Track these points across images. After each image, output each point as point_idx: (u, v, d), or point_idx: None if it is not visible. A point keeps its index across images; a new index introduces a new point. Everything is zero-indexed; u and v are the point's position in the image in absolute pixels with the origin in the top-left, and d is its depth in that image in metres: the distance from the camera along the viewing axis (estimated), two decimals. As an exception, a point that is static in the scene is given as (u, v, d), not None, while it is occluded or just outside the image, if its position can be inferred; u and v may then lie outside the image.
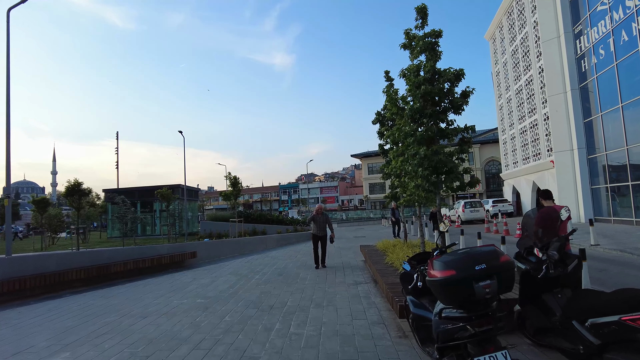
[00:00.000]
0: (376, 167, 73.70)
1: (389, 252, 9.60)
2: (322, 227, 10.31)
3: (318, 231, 10.32)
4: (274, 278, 9.39)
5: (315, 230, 10.39)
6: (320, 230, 10.31)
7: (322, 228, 10.32)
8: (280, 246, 18.75)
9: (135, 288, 8.77)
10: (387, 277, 6.77)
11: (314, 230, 10.45)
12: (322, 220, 10.32)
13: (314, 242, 10.44)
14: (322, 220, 10.32)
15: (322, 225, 10.31)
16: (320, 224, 10.30)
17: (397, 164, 8.78)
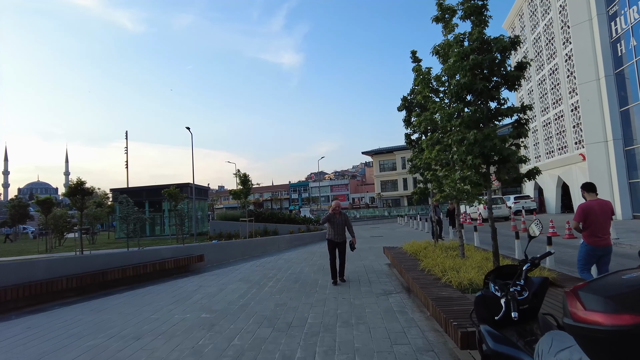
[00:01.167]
0: (388, 164, 72.27)
1: (422, 256, 8.38)
2: (340, 231, 8.07)
3: (335, 235, 8.03)
4: (289, 286, 8.25)
5: (331, 234, 8.10)
6: (338, 235, 8.04)
7: (340, 232, 8.06)
8: (293, 247, 17.64)
9: (132, 298, 7.70)
10: (429, 289, 5.56)
11: (329, 234, 8.15)
12: (340, 222, 8.06)
13: (331, 249, 8.12)
14: (340, 221, 8.06)
15: (340, 228, 8.07)
16: (338, 226, 8.04)
17: (431, 154, 7.56)
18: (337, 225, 8.05)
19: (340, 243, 8.10)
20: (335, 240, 8.08)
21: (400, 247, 10.82)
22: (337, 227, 8.05)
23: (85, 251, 18.18)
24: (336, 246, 8.09)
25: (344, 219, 8.13)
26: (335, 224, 8.05)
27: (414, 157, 8.96)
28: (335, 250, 8.12)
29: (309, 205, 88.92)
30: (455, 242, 10.17)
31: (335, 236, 8.08)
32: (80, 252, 17.72)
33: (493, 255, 6.10)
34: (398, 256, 9.10)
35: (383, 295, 7.03)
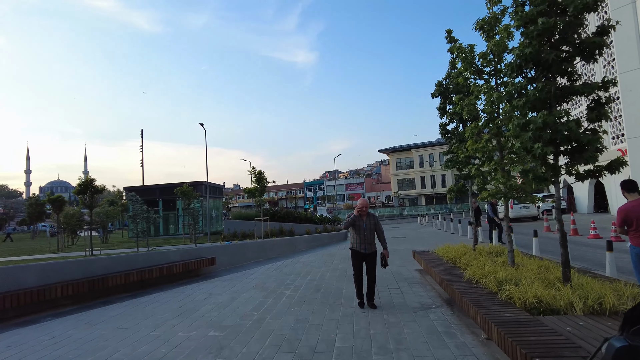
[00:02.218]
0: (405, 162, 70.73)
1: (462, 263, 7.26)
2: (368, 238, 6.06)
3: (361, 244, 6.04)
4: (310, 295, 7.26)
5: (356, 243, 6.10)
6: (366, 244, 6.04)
7: (367, 239, 6.05)
8: (311, 248, 16.65)
9: (133, 309, 6.82)
10: (487, 308, 4.48)
11: (354, 242, 6.16)
12: (368, 226, 6.06)
13: (355, 263, 6.18)
14: (369, 225, 6.08)
15: (369, 235, 6.05)
16: (365, 231, 6.03)
17: (478, 144, 6.43)
18: (363, 231, 6.04)
19: (369, 255, 6.07)
20: (361, 251, 6.06)
21: (432, 251, 9.70)
22: (364, 233, 6.04)
23: (96, 251, 17.60)
24: (363, 259, 6.11)
25: (373, 222, 6.12)
26: (362, 230, 6.04)
27: (454, 149, 7.81)
28: (362, 264, 6.15)
29: (324, 203, 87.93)
30: (496, 247, 9.01)
31: (362, 245, 6.05)
32: (90, 252, 17.13)
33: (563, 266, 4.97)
34: (433, 262, 8.00)
35: (421, 310, 5.97)
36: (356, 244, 6.14)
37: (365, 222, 6.10)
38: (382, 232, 6.29)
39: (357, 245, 6.13)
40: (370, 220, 6.15)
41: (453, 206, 54.62)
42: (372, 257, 6.14)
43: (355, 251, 6.17)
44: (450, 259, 8.03)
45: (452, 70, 8.51)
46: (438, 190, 66.08)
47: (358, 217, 6.09)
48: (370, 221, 6.14)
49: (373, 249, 6.13)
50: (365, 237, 6.06)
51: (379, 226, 6.24)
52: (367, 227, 6.09)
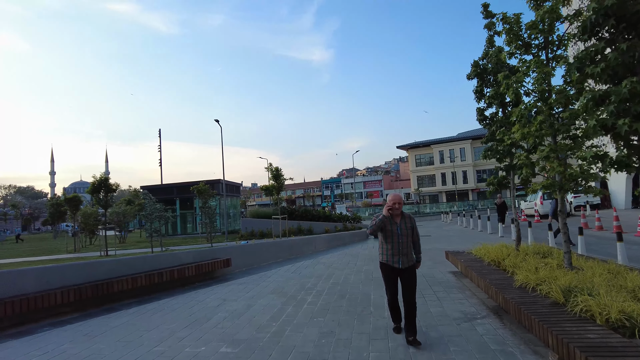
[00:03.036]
0: (425, 158, 69.15)
1: (508, 266, 6.34)
2: (404, 247, 4.46)
3: (394, 256, 4.46)
4: (334, 302, 6.46)
5: (387, 254, 4.51)
6: (401, 255, 4.45)
7: (403, 249, 4.46)
8: (331, 248, 15.86)
9: (139, 317, 6.16)
10: (560, 325, 3.58)
11: (384, 253, 4.55)
12: (403, 231, 4.46)
13: (388, 280, 4.62)
14: (405, 229, 4.48)
15: (404, 243, 4.46)
16: (400, 238, 4.44)
17: (528, 128, 5.50)
18: (397, 238, 4.42)
19: (406, 271, 4.46)
20: (394, 265, 4.45)
21: (468, 251, 8.77)
22: (399, 240, 4.42)
23: (111, 251, 17.25)
24: (397, 275, 4.51)
25: (409, 225, 4.52)
26: (395, 236, 4.42)
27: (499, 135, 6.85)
28: (397, 282, 4.55)
29: (342, 201, 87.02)
30: (542, 246, 8.01)
31: (395, 257, 4.43)
32: (105, 252, 16.79)
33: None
34: (472, 265, 7.09)
35: (466, 322, 5.10)
36: (387, 255, 4.48)
37: (400, 226, 4.45)
38: (419, 239, 4.70)
39: (388, 257, 4.48)
40: (406, 223, 4.49)
41: (477, 202, 52.91)
42: (410, 273, 4.48)
43: (387, 265, 4.52)
44: (491, 260, 7.11)
45: (489, 48, 7.55)
46: (460, 186, 64.32)
47: (389, 219, 4.45)
48: (406, 224, 4.49)
49: (411, 262, 4.51)
50: (400, 246, 4.42)
51: (415, 231, 4.61)
52: (402, 232, 4.43)
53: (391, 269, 4.53)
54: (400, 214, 4.53)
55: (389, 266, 4.53)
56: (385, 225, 4.48)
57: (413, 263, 4.58)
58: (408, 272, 4.50)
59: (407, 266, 4.49)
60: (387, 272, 4.59)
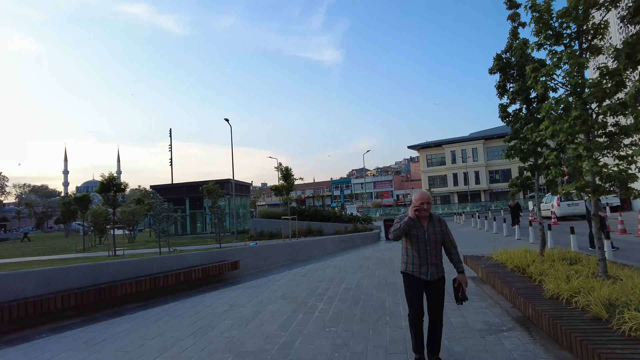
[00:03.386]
0: (436, 158, 68.34)
1: (534, 273, 5.89)
2: (434, 256, 3.69)
3: (422, 266, 3.69)
4: (347, 310, 6.08)
5: (412, 264, 3.74)
6: (429, 265, 3.68)
7: (432, 257, 3.68)
8: (342, 250, 15.48)
9: (141, 324, 5.87)
10: (606, 346, 3.16)
11: (409, 262, 3.79)
12: (432, 236, 3.70)
13: (413, 296, 3.76)
14: (434, 234, 3.71)
15: (432, 250, 3.69)
16: (429, 245, 3.68)
17: (561, 125, 5.06)
18: (425, 244, 3.67)
19: (434, 284, 3.70)
20: (421, 277, 3.67)
21: (487, 256, 8.32)
22: (427, 247, 3.67)
23: (119, 251, 17.12)
24: (423, 289, 3.73)
25: (439, 229, 3.74)
26: (422, 242, 3.67)
27: (526, 132, 6.39)
28: (422, 296, 3.73)
29: (352, 201, 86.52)
30: (568, 251, 7.53)
31: (422, 268, 3.66)
32: (113, 252, 16.65)
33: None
34: (494, 271, 6.65)
35: (490, 334, 4.69)
36: (412, 264, 3.70)
37: (428, 230, 3.68)
38: (455, 246, 3.84)
39: (414, 267, 3.69)
40: (436, 227, 3.71)
41: (490, 203, 52.01)
42: (438, 287, 3.70)
43: (412, 277, 3.72)
44: (515, 266, 6.65)
45: (513, 40, 7.10)
46: (472, 187, 63.40)
47: (415, 222, 3.68)
48: (435, 228, 3.70)
49: (440, 274, 3.72)
50: (429, 255, 3.64)
51: (449, 236, 3.78)
52: (431, 237, 3.66)
53: (417, 281, 3.70)
54: (428, 216, 3.74)
55: (415, 278, 3.71)
56: (410, 230, 3.69)
57: (443, 275, 3.76)
58: (437, 286, 3.71)
59: (437, 278, 3.68)
60: (412, 285, 3.74)
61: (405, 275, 3.83)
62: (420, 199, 3.72)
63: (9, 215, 78.89)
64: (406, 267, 3.82)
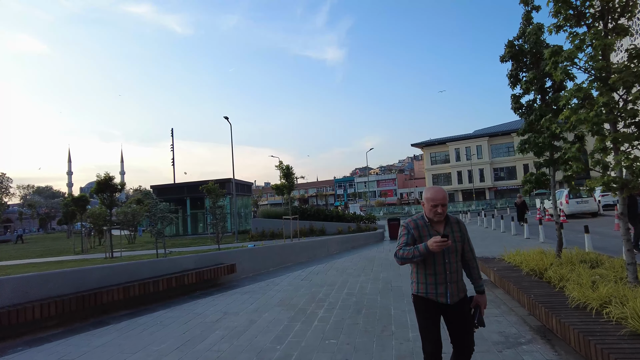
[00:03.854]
0: (440, 156, 67.69)
1: (553, 278, 5.38)
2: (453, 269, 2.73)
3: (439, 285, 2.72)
4: (349, 318, 5.60)
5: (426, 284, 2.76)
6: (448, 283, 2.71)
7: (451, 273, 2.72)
8: (345, 250, 14.99)
9: (126, 335, 5.41)
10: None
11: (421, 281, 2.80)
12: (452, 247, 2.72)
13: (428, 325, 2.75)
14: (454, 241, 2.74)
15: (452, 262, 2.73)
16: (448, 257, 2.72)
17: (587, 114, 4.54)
18: (441, 256, 2.72)
19: (455, 308, 2.75)
20: (438, 300, 2.73)
21: (499, 257, 7.80)
22: (444, 258, 2.73)
23: (117, 253, 16.72)
24: (440, 313, 2.80)
25: (459, 235, 2.82)
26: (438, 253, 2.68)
27: (544, 123, 5.85)
28: (439, 324, 2.78)
29: (355, 200, 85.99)
30: (587, 253, 7.00)
31: (439, 288, 2.73)
32: (110, 254, 16.25)
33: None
34: (509, 275, 6.14)
35: (508, 348, 4.19)
36: (426, 284, 2.76)
37: (446, 233, 2.71)
38: (475, 257, 2.96)
39: (428, 287, 2.75)
40: (454, 232, 2.78)
41: (495, 201, 51.33)
42: (461, 310, 2.78)
43: (426, 301, 2.77)
44: (531, 270, 6.14)
45: (526, 26, 6.57)
46: (476, 185, 62.72)
47: (427, 228, 2.77)
48: (454, 233, 2.78)
49: (462, 293, 2.79)
50: (448, 270, 2.72)
51: (469, 244, 2.90)
52: (450, 246, 2.69)
53: (433, 306, 2.73)
54: (445, 219, 2.80)
55: (430, 302, 2.73)
56: (422, 237, 2.73)
57: (465, 294, 2.80)
58: (459, 309, 2.74)
59: (458, 299, 2.73)
60: (427, 311, 2.75)
61: (418, 299, 2.80)
62: (433, 200, 2.73)
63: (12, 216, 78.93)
64: (418, 288, 2.80)
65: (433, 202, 2.76)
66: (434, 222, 2.80)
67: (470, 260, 2.91)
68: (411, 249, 2.69)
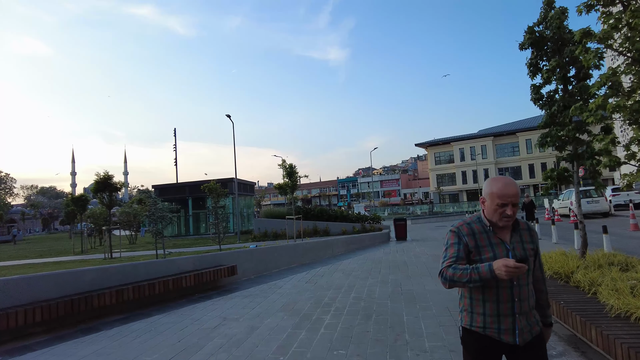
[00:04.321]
0: (444, 156, 67.11)
1: (583, 282, 4.91)
2: (523, 295, 1.90)
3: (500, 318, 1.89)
4: (358, 325, 5.15)
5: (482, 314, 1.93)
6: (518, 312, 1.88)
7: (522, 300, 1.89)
8: (350, 251, 14.53)
9: (116, 343, 4.99)
10: None
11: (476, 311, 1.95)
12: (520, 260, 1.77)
13: None
14: (525, 254, 1.91)
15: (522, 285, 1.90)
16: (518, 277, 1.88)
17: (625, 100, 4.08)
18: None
19: (525, 350, 1.91)
20: (503, 339, 1.90)
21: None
22: (512, 281, 1.89)
23: (116, 253, 16.35)
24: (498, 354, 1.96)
25: (532, 245, 2.00)
26: None
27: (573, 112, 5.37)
28: None
29: (359, 200, 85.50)
30: (613, 254, 6.51)
31: (504, 321, 1.90)
32: (109, 255, 15.87)
33: None
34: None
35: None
36: (484, 315, 1.94)
37: (513, 248, 1.94)
38: (544, 277, 2.18)
39: (487, 320, 1.93)
40: (525, 242, 1.98)
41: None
42: (534, 353, 1.94)
43: (483, 338, 1.94)
44: (554, 273, 5.67)
45: (548, 10, 6.11)
46: (481, 185, 62.07)
47: (490, 234, 1.96)
48: (525, 244, 1.98)
49: (535, 329, 1.95)
50: (516, 295, 1.90)
51: (539, 260, 2.11)
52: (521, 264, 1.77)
53: (494, 346, 1.94)
54: (516, 224, 2.01)
55: (489, 340, 1.93)
56: (480, 248, 1.94)
57: (539, 331, 1.97)
58: (530, 353, 1.92)
59: (530, 337, 1.92)
60: (483, 353, 1.97)
61: (470, 335, 1.99)
62: (502, 197, 1.88)
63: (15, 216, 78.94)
64: (472, 321, 1.97)
65: (501, 199, 1.88)
66: (497, 227, 1.96)
67: (540, 281, 2.09)
68: (466, 270, 1.83)
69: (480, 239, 1.95)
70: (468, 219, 2.08)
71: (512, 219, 1.93)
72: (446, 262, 1.94)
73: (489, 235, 1.96)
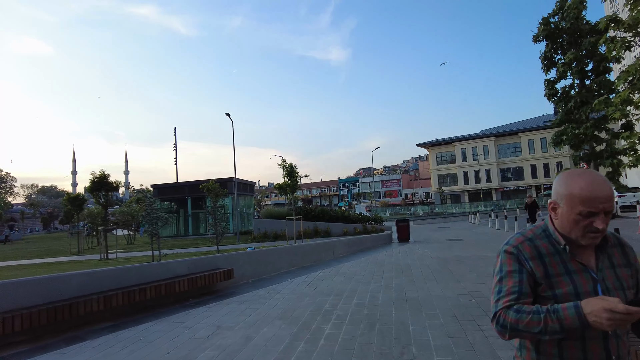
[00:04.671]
0: (446, 156, 66.73)
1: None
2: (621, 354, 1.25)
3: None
4: (360, 336, 4.80)
5: None
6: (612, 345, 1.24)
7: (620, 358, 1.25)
8: (351, 253, 14.18)
9: (102, 354, 4.64)
10: None
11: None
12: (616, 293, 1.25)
13: None
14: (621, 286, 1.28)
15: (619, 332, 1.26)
16: None
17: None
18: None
19: None
20: None
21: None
22: None
23: (112, 254, 16.00)
24: None
25: (627, 273, 1.31)
26: None
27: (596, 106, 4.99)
28: None
29: (360, 201, 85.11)
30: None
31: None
32: (105, 255, 15.53)
33: None
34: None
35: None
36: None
37: (603, 276, 1.29)
38: None
39: None
40: (617, 269, 1.32)
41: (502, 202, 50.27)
42: None
43: None
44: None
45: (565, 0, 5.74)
46: (483, 185, 61.68)
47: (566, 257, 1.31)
48: (618, 272, 1.31)
49: None
50: (615, 351, 1.26)
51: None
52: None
53: None
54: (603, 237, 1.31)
55: None
56: (552, 278, 1.30)
57: None
58: None
59: None
60: None
61: None
62: (591, 201, 1.22)
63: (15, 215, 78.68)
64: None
65: (588, 206, 1.23)
66: (575, 245, 1.32)
67: None
68: (538, 314, 1.21)
69: (551, 264, 1.31)
70: (528, 232, 1.40)
71: (601, 235, 1.27)
72: (503, 301, 1.29)
73: (564, 258, 1.31)
